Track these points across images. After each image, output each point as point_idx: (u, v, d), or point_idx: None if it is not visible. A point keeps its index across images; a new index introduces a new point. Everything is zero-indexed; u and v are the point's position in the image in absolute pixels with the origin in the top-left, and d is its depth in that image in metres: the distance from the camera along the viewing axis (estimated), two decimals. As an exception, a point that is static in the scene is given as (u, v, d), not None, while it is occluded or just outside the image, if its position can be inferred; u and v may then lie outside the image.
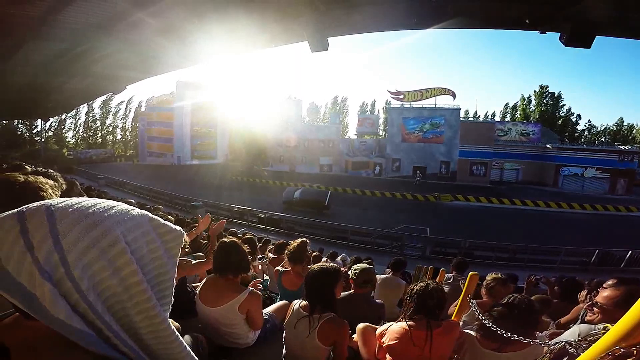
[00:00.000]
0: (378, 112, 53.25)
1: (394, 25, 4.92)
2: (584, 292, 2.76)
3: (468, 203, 22.10)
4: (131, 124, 56.14)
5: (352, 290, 2.58)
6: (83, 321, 0.43)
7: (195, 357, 0.56)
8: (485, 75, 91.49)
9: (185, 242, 2.51)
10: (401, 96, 35.09)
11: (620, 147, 34.00)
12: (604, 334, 0.95)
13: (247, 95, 51.63)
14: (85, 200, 0.49)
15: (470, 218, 18.14)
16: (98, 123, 54.95)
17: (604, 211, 20.98)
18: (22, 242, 0.42)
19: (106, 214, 0.48)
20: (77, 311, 0.43)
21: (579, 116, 48.68)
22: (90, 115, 53.93)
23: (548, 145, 32.86)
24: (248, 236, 4.52)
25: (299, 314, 1.80)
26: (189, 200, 16.95)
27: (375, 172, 35.32)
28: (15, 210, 0.44)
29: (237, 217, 15.84)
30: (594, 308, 1.86)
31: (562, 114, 47.94)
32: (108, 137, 56.25)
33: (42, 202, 0.46)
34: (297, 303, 1.89)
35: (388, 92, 35.80)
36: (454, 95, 33.77)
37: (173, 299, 0.55)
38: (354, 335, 2.10)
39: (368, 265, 2.66)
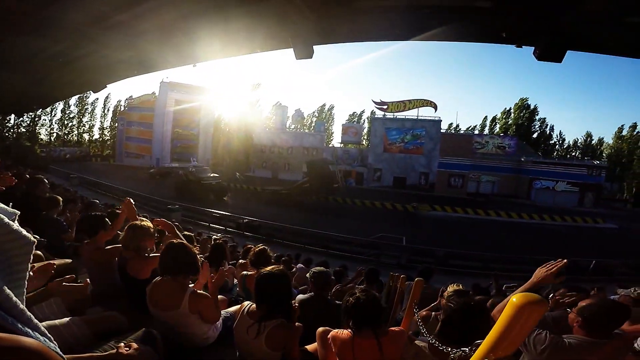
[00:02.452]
0: (364, 121, 54.02)
1: (380, 36, 5.02)
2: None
3: (445, 213, 22.56)
4: (110, 123, 54.63)
5: (312, 293, 2.62)
6: None
7: None
8: (468, 88, 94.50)
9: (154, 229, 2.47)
10: (385, 106, 35.77)
11: (594, 162, 35.80)
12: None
13: (232, 99, 51.16)
14: None
15: (447, 228, 18.52)
16: (74, 121, 53.11)
17: (573, 222, 21.92)
18: None
19: None
20: None
21: (552, 128, 50.97)
22: (67, 112, 52.11)
23: (522, 159, 34.16)
24: (218, 241, 4.43)
25: (247, 319, 1.78)
26: (166, 204, 16.52)
27: (349, 182, 35.45)
28: None
29: (215, 222, 15.59)
30: None
31: (537, 127, 50.23)
32: (84, 135, 54.49)
33: None
34: (246, 307, 1.87)
35: (373, 102, 36.49)
36: (435, 107, 34.72)
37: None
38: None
39: (322, 268, 2.71)
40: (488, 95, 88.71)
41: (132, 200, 2.95)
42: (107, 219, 2.83)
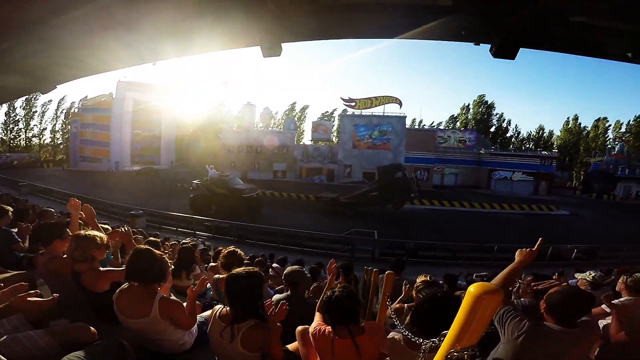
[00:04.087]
0: (334, 119, 54.23)
1: (346, 34, 5.04)
2: None
3: (413, 206, 23.32)
4: (62, 126, 50.91)
5: (288, 292, 2.64)
6: None
7: None
8: (432, 85, 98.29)
9: (101, 238, 2.33)
10: (353, 103, 36.25)
11: (543, 152, 38.68)
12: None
13: (197, 99, 49.48)
14: None
15: (415, 220, 19.13)
16: (21, 124, 48.87)
17: (530, 210, 23.50)
18: None
19: None
20: None
21: (509, 122, 54.49)
22: (12, 115, 47.83)
23: (482, 151, 36.16)
24: (186, 245, 4.28)
25: (219, 322, 1.75)
26: (128, 209, 15.68)
27: (320, 179, 35.68)
28: None
29: (184, 225, 15.03)
30: None
31: (495, 122, 53.56)
32: (34, 139, 50.34)
33: None
34: (217, 310, 1.83)
35: (341, 99, 36.80)
36: (400, 104, 35.65)
37: None
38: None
39: (296, 267, 2.73)
40: (449, 92, 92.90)
41: (78, 201, 2.80)
42: (64, 227, 2.66)
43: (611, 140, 46.92)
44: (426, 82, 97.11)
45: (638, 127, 45.84)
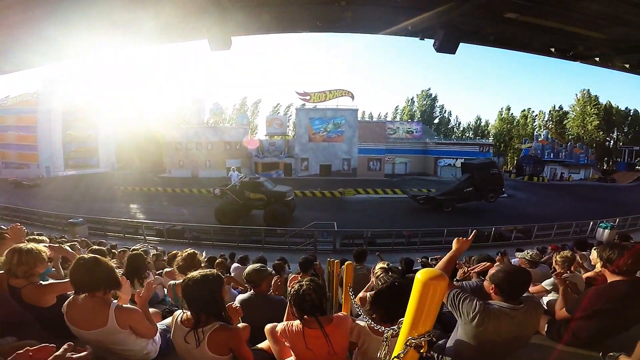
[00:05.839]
0: (290, 114, 53.60)
1: (300, 27, 4.99)
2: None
3: (368, 195, 24.12)
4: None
5: (251, 292, 2.60)
6: None
7: None
8: (378, 79, 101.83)
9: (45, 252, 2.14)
10: (308, 97, 36.21)
11: (481, 140, 42.26)
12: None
13: (137, 96, 45.96)
14: None
15: (371, 209, 19.80)
16: None
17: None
18: None
19: None
20: None
21: (450, 114, 58.78)
22: None
23: (427, 141, 38.65)
24: (136, 252, 4.00)
25: (182, 327, 1.70)
26: (65, 218, 14.20)
27: (277, 174, 35.45)
28: None
29: (132, 232, 14.00)
30: None
31: (438, 113, 57.36)
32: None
33: None
34: (178, 316, 1.77)
35: (296, 93, 36.48)
36: (352, 97, 36.37)
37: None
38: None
39: (257, 265, 2.72)
40: (394, 85, 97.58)
41: (22, 227, 2.59)
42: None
43: (537, 128, 52.58)
44: (373, 76, 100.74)
45: (558, 117, 51.99)
